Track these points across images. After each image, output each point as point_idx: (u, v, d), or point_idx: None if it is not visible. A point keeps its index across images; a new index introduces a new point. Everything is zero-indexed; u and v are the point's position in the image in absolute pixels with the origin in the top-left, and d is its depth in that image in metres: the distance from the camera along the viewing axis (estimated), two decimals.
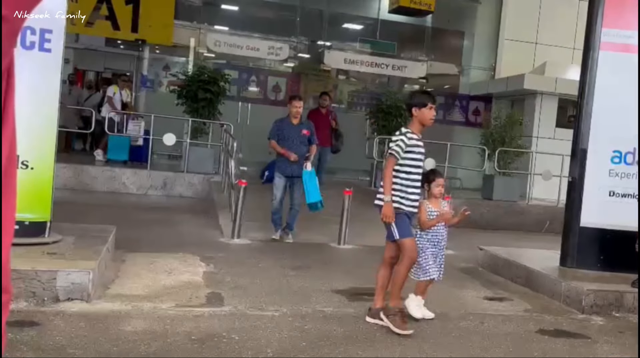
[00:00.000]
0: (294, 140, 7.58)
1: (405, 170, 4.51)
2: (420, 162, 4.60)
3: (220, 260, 6.44)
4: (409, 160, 4.50)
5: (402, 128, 4.64)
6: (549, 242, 8.95)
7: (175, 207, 10.00)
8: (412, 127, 4.63)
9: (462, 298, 5.80)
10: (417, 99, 4.73)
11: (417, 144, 4.53)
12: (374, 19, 15.14)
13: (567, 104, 13.51)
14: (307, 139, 7.70)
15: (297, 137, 7.62)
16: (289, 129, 7.65)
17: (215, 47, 13.59)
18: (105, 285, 5.00)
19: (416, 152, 4.53)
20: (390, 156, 4.53)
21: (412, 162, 4.52)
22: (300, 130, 7.67)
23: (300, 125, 7.71)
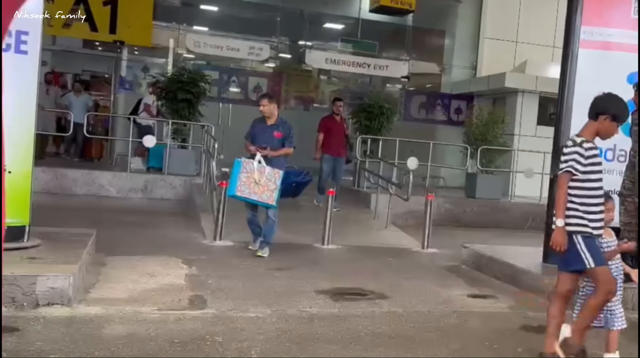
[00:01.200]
0: (262, 142, 6.88)
1: (588, 186, 3.82)
2: (601, 174, 3.92)
3: (203, 262, 6.38)
4: (590, 174, 3.82)
5: (575, 136, 3.92)
6: (532, 238, 8.99)
7: (156, 209, 9.90)
8: (587, 134, 3.90)
9: (447, 296, 5.80)
10: (614, 108, 3.91)
11: (595, 154, 3.86)
12: (355, 18, 15.14)
13: (548, 102, 13.60)
14: (279, 142, 6.96)
15: (266, 138, 6.89)
16: (259, 128, 7.01)
17: (195, 47, 13.48)
18: (86, 289, 4.92)
19: (596, 163, 3.86)
20: (565, 173, 3.82)
21: (594, 176, 3.83)
22: (272, 131, 6.95)
23: (273, 126, 6.98)
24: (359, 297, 5.53)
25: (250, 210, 7.03)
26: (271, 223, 7.01)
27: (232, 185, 6.73)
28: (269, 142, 6.89)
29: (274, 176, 6.76)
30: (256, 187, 6.69)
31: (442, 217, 10.49)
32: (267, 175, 6.71)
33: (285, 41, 15.11)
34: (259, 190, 6.71)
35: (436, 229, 8.45)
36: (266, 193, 6.73)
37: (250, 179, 6.66)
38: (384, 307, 5.22)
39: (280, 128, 7.01)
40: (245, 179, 6.65)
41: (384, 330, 4.55)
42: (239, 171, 6.68)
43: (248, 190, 6.68)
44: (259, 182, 6.69)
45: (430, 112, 15.40)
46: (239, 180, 6.67)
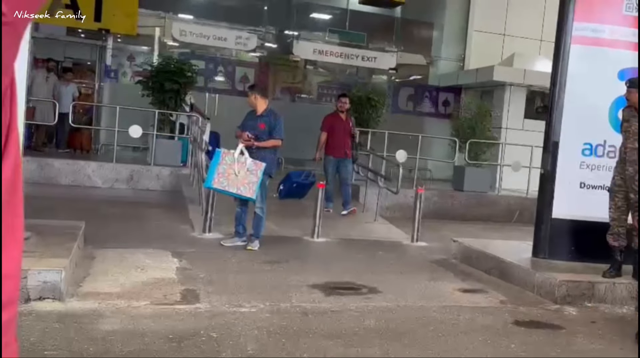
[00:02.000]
0: (250, 131, 6.82)
1: None
2: None
3: (193, 255, 6.33)
4: None
5: None
6: (520, 232, 9.09)
7: (143, 200, 9.80)
8: None
9: (438, 290, 5.82)
10: None
11: None
12: (343, 9, 15.06)
13: (535, 95, 13.69)
14: (264, 132, 6.84)
15: (252, 129, 6.83)
16: (250, 119, 6.99)
17: (181, 36, 13.32)
18: (77, 283, 4.85)
19: None
20: None
21: None
22: (257, 122, 6.88)
23: (260, 117, 6.91)
24: (350, 291, 5.53)
25: (240, 205, 6.92)
26: (258, 218, 6.90)
27: (210, 176, 6.58)
28: (258, 133, 6.81)
29: (255, 168, 6.56)
30: (235, 179, 6.49)
31: (430, 209, 10.51)
32: (247, 166, 6.52)
33: (272, 31, 15.00)
34: (238, 182, 6.50)
35: (424, 222, 8.46)
36: (245, 186, 6.53)
37: (229, 171, 6.47)
38: (376, 302, 5.21)
39: (266, 119, 6.88)
40: (223, 170, 6.48)
41: (378, 326, 4.54)
42: (218, 162, 6.50)
43: (227, 182, 6.49)
44: (238, 174, 6.49)
45: (418, 104, 15.41)
46: (216, 172, 6.50)
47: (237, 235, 6.99)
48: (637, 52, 6.22)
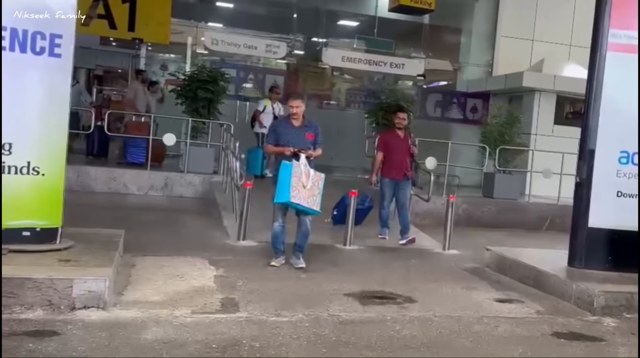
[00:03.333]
0: (293, 145, 6.33)
1: None
2: None
3: (230, 263, 6.42)
4: None
5: None
6: (551, 240, 9.03)
7: (177, 207, 9.94)
8: None
9: (473, 300, 5.81)
10: None
11: None
12: (371, 16, 15.11)
13: (565, 101, 13.57)
14: (311, 144, 6.46)
15: (298, 141, 6.37)
16: (288, 131, 6.43)
17: (212, 45, 13.50)
18: (119, 292, 4.96)
19: None
20: None
21: None
22: (303, 133, 6.43)
23: (303, 128, 6.46)
24: (386, 300, 5.55)
25: (281, 220, 6.49)
26: (306, 231, 6.50)
27: (285, 190, 6.09)
28: (302, 145, 6.36)
29: (317, 180, 6.28)
30: (304, 191, 6.15)
31: (460, 217, 10.48)
32: (311, 178, 6.21)
33: (301, 39, 15.11)
34: (305, 195, 6.17)
35: (454, 229, 8.45)
36: (311, 199, 6.21)
37: (299, 184, 6.12)
38: (412, 311, 5.23)
39: (311, 129, 6.51)
40: (295, 183, 6.10)
41: (416, 336, 4.57)
42: (291, 175, 6.10)
43: (299, 195, 6.13)
44: (306, 186, 6.16)
45: (446, 110, 15.37)
46: (291, 185, 6.08)
47: (280, 253, 6.57)
48: None
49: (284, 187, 6.10)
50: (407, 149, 8.43)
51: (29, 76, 5.04)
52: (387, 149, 8.41)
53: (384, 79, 15.65)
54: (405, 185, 8.45)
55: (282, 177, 6.13)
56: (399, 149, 8.39)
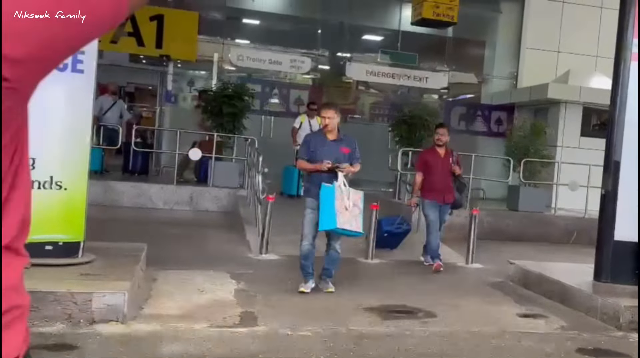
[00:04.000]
0: (330, 160, 5.82)
1: None
2: None
3: (250, 277, 6.44)
4: None
5: None
6: (578, 254, 8.85)
7: (202, 222, 10.02)
8: None
9: (496, 315, 5.73)
10: None
11: None
12: (394, 30, 15.13)
13: (592, 113, 13.36)
14: (347, 159, 5.94)
15: (333, 156, 5.85)
16: (323, 145, 5.91)
17: (238, 61, 13.66)
18: (139, 305, 5.01)
19: None
20: None
21: None
22: (338, 147, 5.92)
23: (338, 142, 5.96)
24: (407, 315, 5.51)
25: (311, 239, 5.92)
26: (335, 256, 6.04)
27: (331, 216, 5.61)
28: (338, 161, 5.85)
29: (356, 198, 5.82)
30: (347, 214, 5.66)
31: (484, 230, 10.33)
32: (352, 198, 5.75)
33: (325, 53, 15.20)
34: (348, 217, 5.68)
35: (478, 243, 8.36)
36: (354, 220, 5.74)
37: (342, 206, 5.64)
38: (433, 326, 5.18)
39: (346, 142, 6.01)
40: (339, 206, 5.62)
41: (437, 351, 4.52)
42: (334, 198, 5.62)
43: (343, 219, 5.64)
44: (348, 208, 5.67)
45: (470, 123, 15.26)
46: (336, 210, 5.61)
47: (310, 277, 6.04)
48: None
49: (329, 212, 5.62)
50: (449, 169, 7.64)
51: (52, 91, 5.14)
52: (427, 169, 7.68)
53: (408, 93, 15.63)
54: (445, 209, 7.76)
55: (326, 202, 5.65)
56: (439, 168, 7.62)
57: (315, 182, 5.84)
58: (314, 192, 5.84)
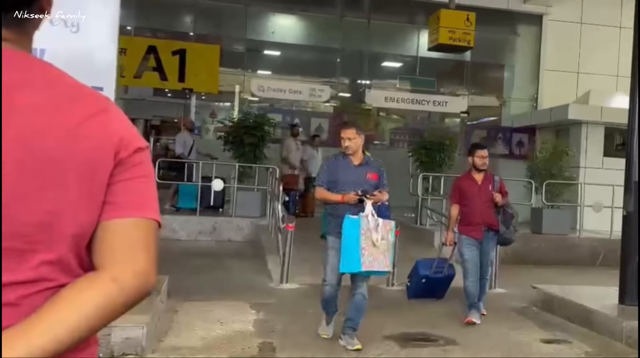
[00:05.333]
0: (353, 188, 4.97)
1: None
2: None
3: (270, 307, 6.48)
4: None
5: None
6: (605, 276, 8.71)
7: (224, 252, 10.11)
8: None
9: (519, 341, 5.68)
10: None
11: None
12: (412, 56, 15.26)
13: (614, 132, 13.24)
14: (375, 186, 5.09)
15: (359, 183, 5.02)
16: (346, 170, 5.10)
17: (259, 91, 13.90)
18: (159, 338, 5.08)
19: None
20: None
21: None
22: (364, 173, 5.11)
23: (364, 166, 5.15)
24: (427, 342, 5.50)
25: (335, 281, 5.12)
26: (361, 302, 5.11)
27: (354, 256, 4.76)
28: (362, 186, 5.01)
29: (386, 230, 4.95)
30: (375, 251, 4.83)
31: (508, 254, 10.24)
32: (380, 231, 4.89)
33: (345, 81, 15.38)
34: (376, 254, 4.84)
35: (502, 267, 8.28)
36: (382, 257, 4.88)
37: (368, 242, 4.79)
38: (454, 353, 5.16)
39: (373, 168, 5.21)
40: (365, 243, 4.77)
41: None
42: (359, 234, 4.76)
43: (371, 257, 4.80)
44: (377, 243, 4.82)
45: (491, 145, 15.21)
46: (361, 248, 4.75)
47: (332, 316, 5.39)
48: None
49: (352, 251, 4.76)
50: (489, 197, 6.35)
51: None
52: (463, 200, 6.47)
53: (429, 118, 15.67)
54: (487, 243, 6.45)
55: (349, 238, 4.79)
56: (477, 198, 6.38)
57: (339, 216, 4.97)
58: (337, 229, 4.99)
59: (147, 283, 1.07)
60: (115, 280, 1.03)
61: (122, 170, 1.06)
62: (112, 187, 1.06)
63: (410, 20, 15.03)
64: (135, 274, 1.05)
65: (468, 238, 6.38)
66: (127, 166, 1.06)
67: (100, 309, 1.01)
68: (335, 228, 5.01)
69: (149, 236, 1.11)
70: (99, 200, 1.04)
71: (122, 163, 1.06)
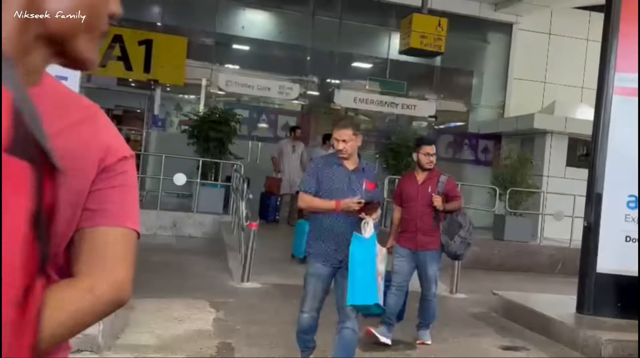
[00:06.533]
0: (346, 195, 3.98)
1: None
2: None
3: (231, 306, 6.36)
4: None
5: None
6: (563, 284, 8.84)
7: (184, 248, 9.94)
8: None
9: (477, 347, 5.69)
10: None
11: None
12: (383, 58, 15.27)
13: (578, 143, 13.48)
14: (371, 196, 4.06)
15: (353, 191, 4.01)
16: (338, 177, 4.08)
17: (226, 86, 13.69)
18: (115, 335, 4.93)
19: None
20: None
21: None
22: (360, 180, 4.09)
23: (359, 173, 4.13)
24: (386, 347, 5.45)
25: (314, 309, 4.31)
26: (351, 336, 4.16)
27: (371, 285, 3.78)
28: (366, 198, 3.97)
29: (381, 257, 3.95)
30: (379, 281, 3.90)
31: (469, 259, 10.27)
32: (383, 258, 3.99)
33: (314, 80, 15.28)
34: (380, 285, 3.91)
35: (463, 272, 8.32)
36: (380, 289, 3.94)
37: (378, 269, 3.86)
38: None
39: (370, 175, 4.23)
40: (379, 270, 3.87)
41: None
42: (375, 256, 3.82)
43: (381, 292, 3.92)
44: (382, 272, 3.93)
45: (457, 151, 15.35)
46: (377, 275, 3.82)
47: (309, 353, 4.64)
48: None
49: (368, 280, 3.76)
50: (428, 200, 5.38)
51: None
52: (403, 202, 5.58)
53: (397, 121, 15.70)
54: (425, 256, 5.48)
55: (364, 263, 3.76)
56: (414, 201, 5.44)
57: (330, 231, 4.02)
58: (326, 250, 4.04)
59: (124, 296, 1.06)
60: (93, 290, 1.02)
61: (105, 177, 1.06)
62: (94, 194, 1.05)
63: (382, 22, 15.02)
64: (113, 286, 1.04)
65: (400, 247, 5.48)
66: (111, 174, 1.06)
67: (75, 318, 0.99)
68: (324, 249, 4.03)
69: (128, 246, 1.09)
70: (79, 206, 1.04)
71: (107, 170, 1.06)
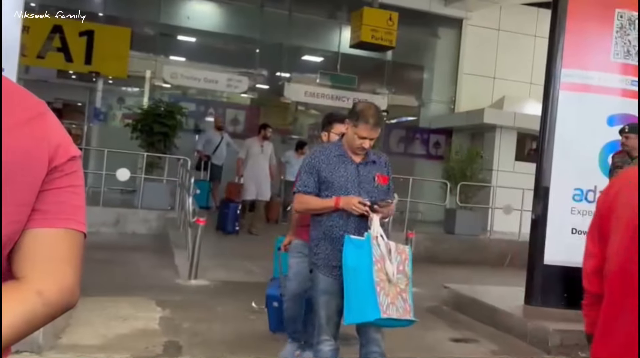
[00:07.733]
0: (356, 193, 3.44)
1: None
2: None
3: (177, 303, 6.15)
4: None
5: None
6: (512, 277, 8.92)
7: (128, 245, 9.61)
8: None
9: (429, 340, 5.66)
10: None
11: None
12: (334, 52, 15.18)
13: (526, 138, 13.72)
14: (384, 191, 3.56)
15: (366, 189, 3.49)
16: (343, 170, 3.49)
17: (171, 79, 13.34)
18: (56, 335, 4.68)
19: None
20: None
21: None
22: (371, 174, 3.55)
23: (369, 165, 3.56)
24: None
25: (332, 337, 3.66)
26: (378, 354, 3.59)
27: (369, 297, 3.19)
28: (370, 195, 3.46)
29: (403, 259, 3.39)
30: (391, 289, 3.26)
31: (421, 253, 10.33)
32: (395, 258, 3.33)
33: (264, 73, 15.07)
34: (394, 294, 3.26)
35: (415, 266, 8.29)
36: (401, 298, 3.30)
37: (383, 275, 3.24)
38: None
39: (382, 167, 3.63)
40: (378, 277, 3.22)
41: None
42: (371, 262, 3.22)
43: (387, 300, 3.22)
44: (392, 277, 3.27)
45: (409, 146, 15.42)
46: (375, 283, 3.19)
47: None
48: (625, 98, 6.24)
49: (366, 291, 3.20)
50: None
51: None
52: None
53: None
54: None
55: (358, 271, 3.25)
56: None
57: (333, 238, 3.45)
58: (332, 259, 3.44)
59: (72, 299, 1.05)
60: (40, 294, 1.00)
61: (54, 177, 1.03)
62: (43, 194, 1.03)
63: (332, 15, 14.93)
64: (60, 290, 1.03)
65: (300, 241, 4.30)
66: (60, 174, 1.04)
67: (23, 321, 0.96)
68: (331, 259, 3.43)
69: (75, 248, 1.08)
70: (29, 206, 1.01)
71: (56, 170, 1.04)
